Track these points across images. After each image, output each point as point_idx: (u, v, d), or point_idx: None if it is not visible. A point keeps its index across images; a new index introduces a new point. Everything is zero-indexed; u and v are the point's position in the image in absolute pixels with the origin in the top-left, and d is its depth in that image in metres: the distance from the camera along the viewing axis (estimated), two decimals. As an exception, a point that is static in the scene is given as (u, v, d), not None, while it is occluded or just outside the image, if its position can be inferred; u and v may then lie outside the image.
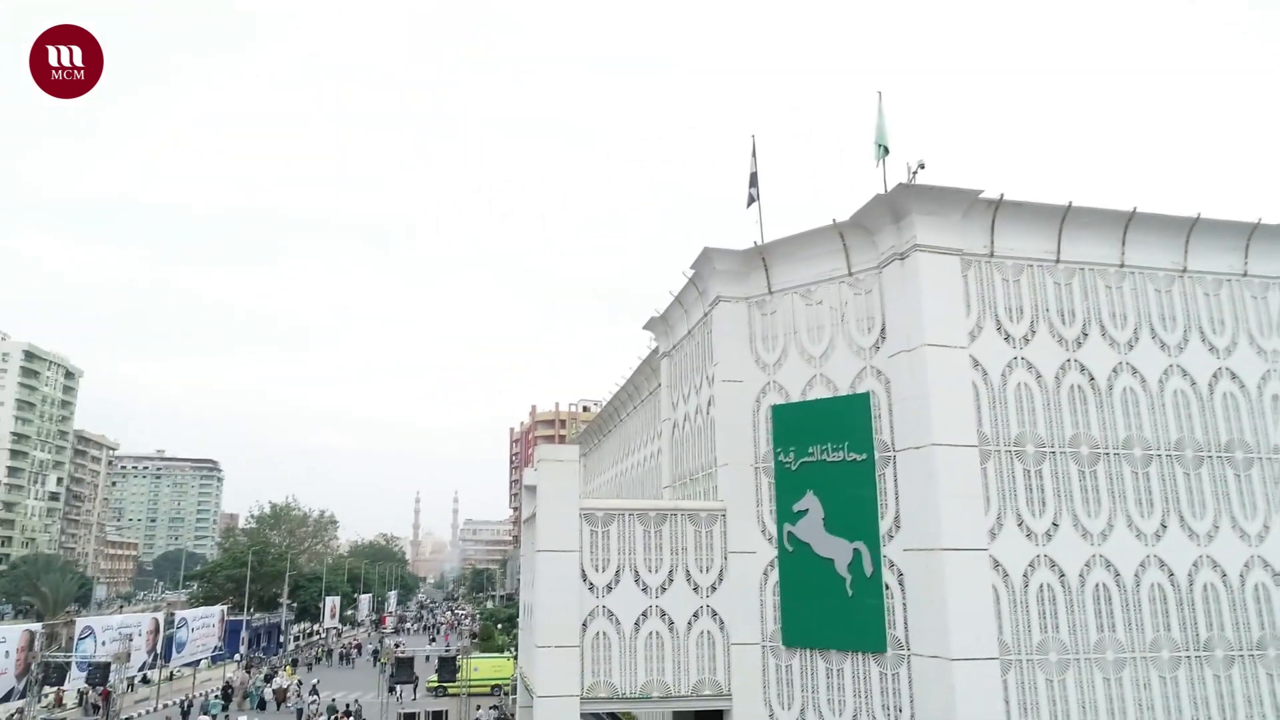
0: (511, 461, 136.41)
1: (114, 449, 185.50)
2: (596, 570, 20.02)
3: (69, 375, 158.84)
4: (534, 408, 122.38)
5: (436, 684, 44.43)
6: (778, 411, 20.49)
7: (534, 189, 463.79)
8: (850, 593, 18.55)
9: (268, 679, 50.03)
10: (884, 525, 18.40)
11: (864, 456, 18.90)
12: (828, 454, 19.40)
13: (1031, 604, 17.44)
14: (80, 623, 42.27)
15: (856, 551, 18.59)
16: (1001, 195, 18.84)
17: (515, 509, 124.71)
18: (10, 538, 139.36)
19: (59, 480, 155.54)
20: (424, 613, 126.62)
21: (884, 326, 19.18)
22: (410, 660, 38.20)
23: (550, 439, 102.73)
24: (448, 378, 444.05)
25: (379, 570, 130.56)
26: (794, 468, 19.90)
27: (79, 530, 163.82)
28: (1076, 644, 17.47)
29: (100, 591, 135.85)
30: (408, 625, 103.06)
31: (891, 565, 18.15)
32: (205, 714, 39.45)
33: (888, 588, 18.12)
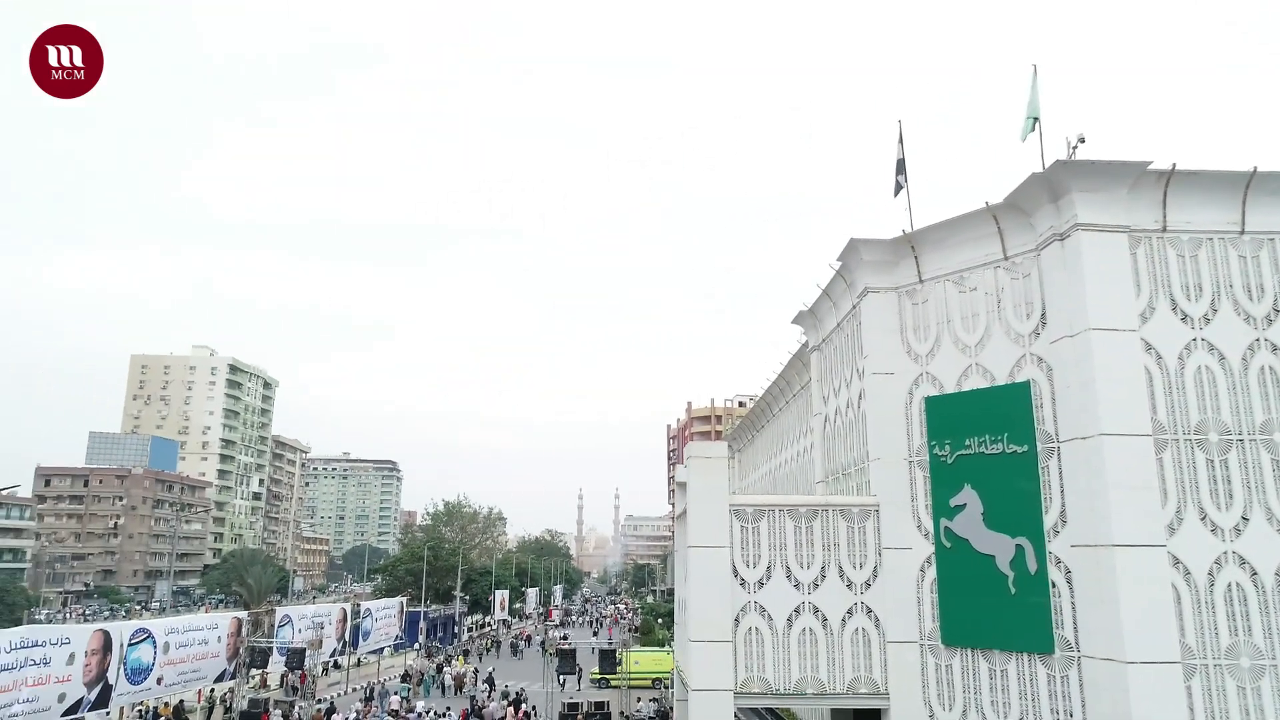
0: (669, 458, 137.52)
1: (306, 451, 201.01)
2: (748, 566, 20.05)
3: (266, 385, 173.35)
4: (689, 404, 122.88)
5: (599, 676, 45.60)
6: (931, 403, 19.86)
7: (534, 189, 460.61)
8: (1013, 590, 17.74)
9: (439, 669, 52.89)
10: (1048, 520, 17.47)
11: (1025, 448, 18.02)
12: (986, 446, 18.63)
13: (1219, 604, 16.09)
14: (279, 611, 46.00)
15: (1019, 547, 17.76)
16: (1174, 165, 17.49)
17: (673, 505, 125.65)
18: (221, 534, 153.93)
19: (260, 481, 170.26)
20: (588, 606, 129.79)
21: (1044, 311, 18.22)
22: (573, 652, 39.35)
23: (706, 435, 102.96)
24: (628, 375, 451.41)
25: (545, 565, 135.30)
26: (950, 461, 19.23)
27: (278, 527, 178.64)
28: (1274, 649, 15.95)
29: (298, 583, 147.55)
30: (572, 619, 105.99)
31: (1058, 562, 17.22)
32: (395, 694, 42.43)
33: (1054, 585, 17.19)
